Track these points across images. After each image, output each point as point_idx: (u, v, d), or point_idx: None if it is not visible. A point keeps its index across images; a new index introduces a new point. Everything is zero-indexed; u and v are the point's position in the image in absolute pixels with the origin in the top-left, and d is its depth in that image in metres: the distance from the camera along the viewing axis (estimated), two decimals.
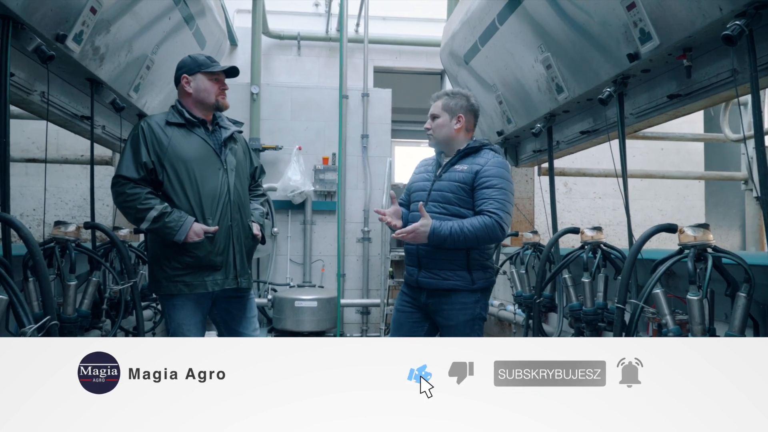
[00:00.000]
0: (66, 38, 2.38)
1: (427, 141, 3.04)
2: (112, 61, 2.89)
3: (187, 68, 2.86)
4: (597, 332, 3.01)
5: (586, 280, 2.89)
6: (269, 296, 5.99)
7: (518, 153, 4.37)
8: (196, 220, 2.76)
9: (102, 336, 2.88)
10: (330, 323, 5.82)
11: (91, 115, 2.94)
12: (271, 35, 6.68)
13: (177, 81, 2.90)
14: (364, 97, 6.56)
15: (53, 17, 2.28)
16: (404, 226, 2.95)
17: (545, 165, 4.28)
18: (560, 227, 5.51)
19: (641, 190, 5.95)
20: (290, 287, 6.19)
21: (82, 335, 2.70)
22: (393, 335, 3.15)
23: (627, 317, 2.31)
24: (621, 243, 5.74)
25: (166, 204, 2.72)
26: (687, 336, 2.17)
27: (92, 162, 3.00)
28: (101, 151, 4.14)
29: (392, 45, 6.88)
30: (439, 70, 6.98)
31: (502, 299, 4.93)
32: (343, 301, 6.06)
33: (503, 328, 5.11)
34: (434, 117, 2.96)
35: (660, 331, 2.28)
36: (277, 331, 5.95)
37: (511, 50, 3.42)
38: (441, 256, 2.81)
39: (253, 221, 3.07)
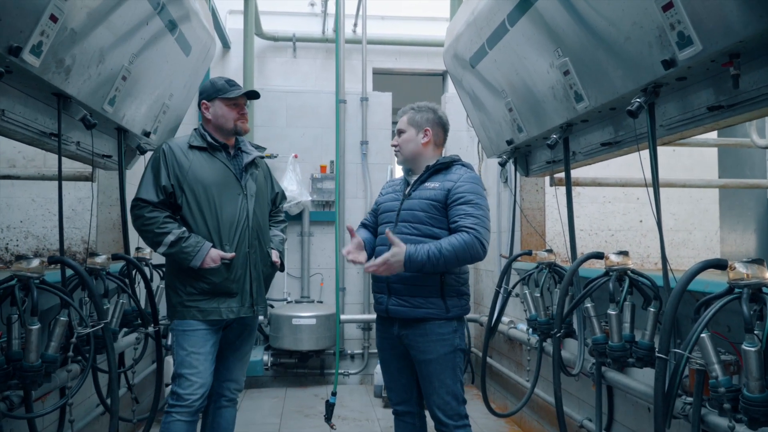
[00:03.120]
0: (21, 51, 2.08)
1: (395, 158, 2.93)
2: (81, 74, 2.58)
3: (206, 94, 2.92)
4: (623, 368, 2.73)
5: (612, 312, 2.59)
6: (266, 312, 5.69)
7: (528, 163, 4.07)
8: (214, 246, 2.75)
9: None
10: (330, 341, 5.54)
11: (58, 133, 2.64)
12: (265, 37, 6.38)
13: (199, 106, 2.94)
14: (362, 101, 6.27)
15: (3, 28, 1.98)
16: (371, 254, 2.83)
17: (557, 175, 3.98)
18: (566, 234, 5.27)
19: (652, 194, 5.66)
20: (287, 302, 5.91)
21: (48, 381, 2.41)
22: (383, 376, 2.96)
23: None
24: (633, 249, 5.50)
25: (184, 229, 2.72)
26: (737, 384, 1.88)
27: (60, 185, 2.71)
28: (81, 166, 3.84)
29: (392, 45, 6.58)
30: (441, 71, 6.71)
31: (512, 316, 4.64)
32: (343, 316, 5.77)
33: (513, 346, 4.82)
34: (401, 132, 2.85)
35: (700, 378, 2.00)
36: (274, 349, 5.67)
37: (522, 54, 3.12)
38: (413, 280, 2.64)
39: (273, 248, 3.03)
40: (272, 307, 5.87)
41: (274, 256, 3.01)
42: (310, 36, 6.48)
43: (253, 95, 2.99)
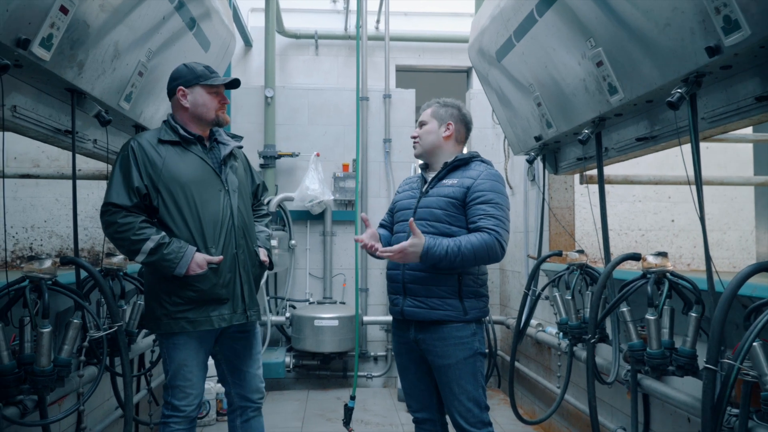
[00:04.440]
0: (30, 44, 2.00)
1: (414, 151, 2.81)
2: (95, 69, 2.51)
3: (184, 79, 2.61)
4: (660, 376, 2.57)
5: (651, 317, 2.44)
6: (287, 314, 5.61)
7: (557, 160, 3.92)
8: (198, 250, 2.49)
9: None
10: (352, 343, 5.44)
11: (72, 130, 2.57)
12: (287, 34, 6.29)
13: (171, 93, 2.64)
14: (385, 98, 6.16)
15: (10, 19, 1.90)
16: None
17: (588, 172, 3.82)
18: (599, 234, 5.08)
19: (685, 193, 5.45)
20: (309, 303, 5.81)
21: (62, 386, 2.33)
22: (401, 382, 2.83)
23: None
24: (664, 249, 5.29)
25: (163, 233, 2.45)
26: None
27: (74, 183, 2.63)
28: (104, 165, 3.78)
29: (415, 42, 6.45)
30: (465, 68, 6.57)
31: (540, 319, 4.49)
32: (366, 318, 5.66)
33: (541, 350, 4.67)
34: (422, 124, 2.76)
35: (747, 389, 1.85)
36: (296, 351, 5.58)
37: (552, 45, 2.98)
38: (430, 281, 2.52)
39: (260, 246, 2.78)
40: (294, 308, 5.79)
41: (262, 254, 2.76)
42: (332, 33, 6.38)
43: (235, 84, 2.70)
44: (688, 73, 2.16)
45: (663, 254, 2.52)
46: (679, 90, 2.18)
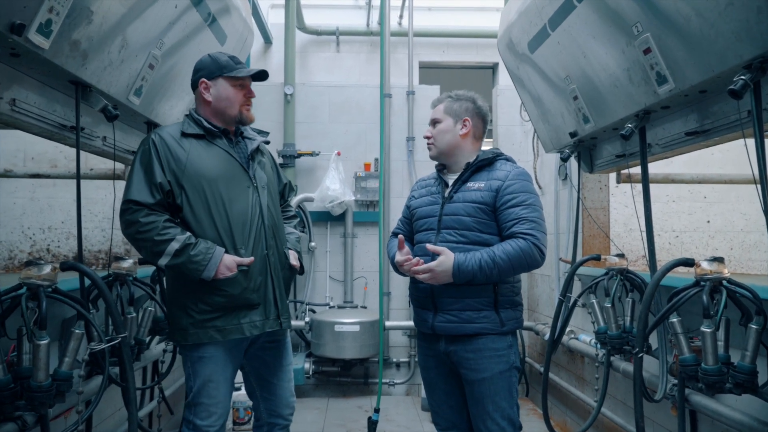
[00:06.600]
0: (26, 29, 1.83)
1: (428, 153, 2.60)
2: (101, 60, 2.34)
3: (207, 71, 2.42)
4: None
5: (707, 329, 2.20)
6: (307, 318, 5.43)
7: (593, 158, 3.68)
8: (226, 251, 2.30)
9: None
10: (374, 349, 5.23)
11: (76, 125, 2.41)
12: (308, 31, 6.12)
13: (194, 86, 2.45)
14: (409, 95, 5.95)
15: (2, 1, 1.73)
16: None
17: (626, 171, 3.58)
18: (631, 234, 4.82)
19: (721, 192, 5.22)
20: (330, 308, 5.62)
21: (62, 401, 2.16)
22: (428, 398, 2.62)
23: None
24: (699, 252, 5.03)
25: (189, 234, 2.26)
26: None
27: (78, 182, 2.47)
28: (119, 166, 3.63)
29: (439, 38, 6.25)
30: (491, 64, 6.35)
31: (572, 326, 4.25)
32: (388, 323, 5.44)
33: (573, 358, 4.44)
34: (435, 122, 2.53)
35: None
36: (315, 357, 5.40)
37: (592, 33, 2.75)
38: (462, 293, 2.33)
39: (290, 248, 2.58)
40: (314, 312, 5.60)
41: (292, 258, 2.57)
42: (353, 29, 6.19)
43: (263, 76, 2.52)
44: (752, 58, 1.93)
45: (719, 260, 2.28)
46: (742, 77, 1.95)
